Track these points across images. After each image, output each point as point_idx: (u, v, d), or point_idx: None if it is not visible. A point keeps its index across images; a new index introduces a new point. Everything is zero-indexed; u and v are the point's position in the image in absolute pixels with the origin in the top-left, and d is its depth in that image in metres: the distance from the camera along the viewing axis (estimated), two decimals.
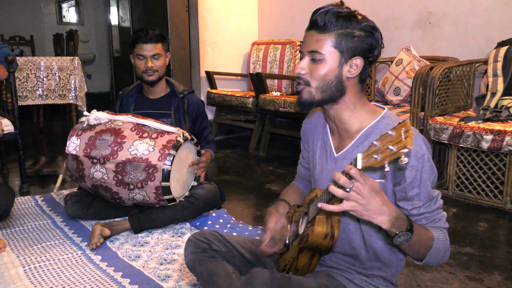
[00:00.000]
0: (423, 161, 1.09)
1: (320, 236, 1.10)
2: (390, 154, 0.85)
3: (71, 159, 2.10)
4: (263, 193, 2.87)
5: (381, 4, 3.71)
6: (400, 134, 0.85)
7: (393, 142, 0.85)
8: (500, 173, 2.48)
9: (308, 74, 1.16)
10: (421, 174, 1.10)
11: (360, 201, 0.94)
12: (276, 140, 4.47)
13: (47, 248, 2.00)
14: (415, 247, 1.08)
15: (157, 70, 2.36)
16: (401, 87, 3.25)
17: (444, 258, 1.14)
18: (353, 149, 1.18)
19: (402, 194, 1.12)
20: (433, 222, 1.13)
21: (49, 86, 3.84)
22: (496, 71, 2.75)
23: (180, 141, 2.07)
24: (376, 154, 0.88)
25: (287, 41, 4.24)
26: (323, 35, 1.12)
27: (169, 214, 2.18)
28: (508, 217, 2.42)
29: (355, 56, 1.13)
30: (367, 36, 1.12)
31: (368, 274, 1.25)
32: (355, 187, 0.93)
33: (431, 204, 1.13)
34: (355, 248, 1.23)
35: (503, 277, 1.77)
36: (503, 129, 2.38)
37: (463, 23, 3.26)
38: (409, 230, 1.02)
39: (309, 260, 1.21)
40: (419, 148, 1.09)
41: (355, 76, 1.16)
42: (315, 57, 1.14)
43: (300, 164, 1.50)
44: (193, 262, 1.38)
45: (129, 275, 1.75)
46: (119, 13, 6.42)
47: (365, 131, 1.17)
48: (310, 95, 1.16)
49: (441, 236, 1.11)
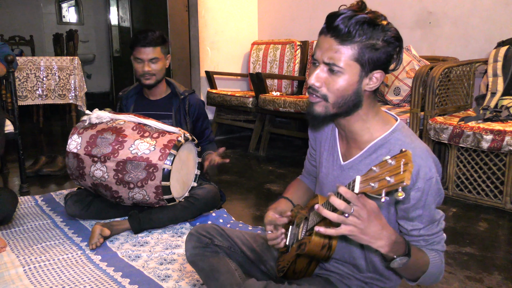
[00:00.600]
0: (431, 184, 1.05)
1: (317, 247, 1.09)
2: (387, 185, 0.81)
3: (72, 157, 2.10)
4: (263, 193, 2.87)
5: (381, 4, 3.71)
6: (400, 166, 0.80)
7: (391, 173, 0.81)
8: (500, 173, 2.48)
9: (325, 87, 1.06)
10: (427, 196, 1.05)
11: (359, 225, 0.90)
12: (276, 140, 4.47)
13: (47, 248, 2.00)
14: (411, 270, 1.05)
15: (155, 74, 2.34)
16: (401, 87, 3.25)
17: (437, 280, 1.12)
18: (360, 159, 1.14)
19: (404, 214, 1.09)
20: (431, 244, 1.10)
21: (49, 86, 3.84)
22: (496, 71, 2.75)
23: (181, 141, 2.07)
24: (373, 182, 0.84)
25: (287, 41, 4.24)
26: (344, 47, 1.01)
27: (169, 214, 2.18)
28: (508, 217, 2.42)
29: (376, 69, 1.05)
30: (390, 47, 1.03)
31: (367, 282, 1.24)
32: (355, 212, 0.89)
33: (433, 226, 1.09)
34: (355, 258, 1.21)
35: (503, 277, 1.77)
36: (503, 129, 2.38)
37: (463, 23, 3.26)
38: (407, 254, 0.98)
39: (307, 265, 1.21)
40: (428, 170, 1.04)
41: (372, 90, 1.09)
42: (333, 69, 1.04)
43: (307, 160, 1.45)
44: (195, 257, 1.36)
45: (129, 275, 1.75)
46: (119, 13, 6.42)
47: (374, 144, 1.11)
48: (325, 109, 1.08)
49: (437, 260, 1.09)
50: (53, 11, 7.65)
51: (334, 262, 1.27)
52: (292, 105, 3.45)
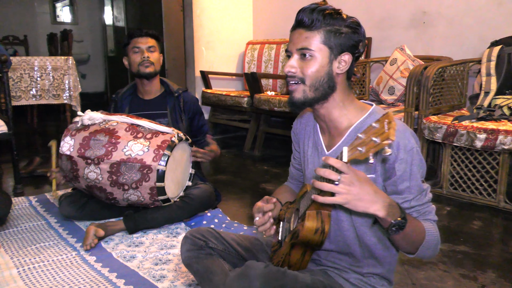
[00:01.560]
0: (413, 154, 1.11)
1: (310, 231, 1.10)
2: (374, 145, 0.86)
3: (65, 159, 2.09)
4: (258, 193, 2.87)
5: (376, 4, 3.72)
6: (384, 126, 0.85)
7: (376, 134, 0.86)
8: (494, 171, 2.50)
9: (300, 72, 1.16)
10: (411, 167, 1.11)
11: (352, 191, 0.95)
12: (271, 140, 4.47)
13: (41, 249, 1.99)
14: (409, 238, 1.08)
15: (153, 63, 2.38)
16: (395, 86, 3.26)
17: (435, 250, 1.15)
18: (343, 145, 1.19)
19: (392, 188, 1.13)
20: (423, 215, 1.14)
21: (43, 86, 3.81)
22: (490, 71, 2.76)
23: (175, 142, 2.06)
24: (361, 146, 0.89)
25: (282, 41, 4.24)
26: (311, 32, 1.13)
27: (164, 215, 2.18)
28: (501, 215, 2.43)
29: (343, 52, 1.15)
30: (353, 33, 1.15)
31: (364, 273, 1.26)
32: (345, 179, 0.94)
33: (421, 197, 1.14)
34: (350, 245, 1.24)
35: (497, 275, 1.78)
36: (497, 128, 2.39)
37: (457, 23, 3.27)
38: (403, 218, 1.02)
39: (302, 256, 1.21)
40: (407, 141, 1.11)
41: (344, 72, 1.18)
42: (305, 54, 1.15)
43: (292, 165, 1.51)
44: (189, 259, 1.38)
45: (124, 275, 1.75)
46: (113, 12, 6.40)
47: (354, 128, 1.19)
48: (303, 93, 1.17)
49: (432, 229, 1.13)
50: (47, 11, 7.61)
51: (331, 256, 1.29)
52: (287, 105, 3.45)
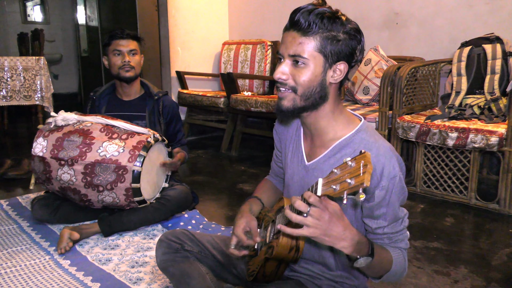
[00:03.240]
0: (394, 183, 1.06)
1: (284, 249, 1.09)
2: (348, 187, 0.82)
3: (38, 161, 2.05)
4: (236, 193, 2.87)
5: (349, 5, 3.76)
6: (359, 167, 0.80)
7: (351, 175, 0.82)
8: (465, 169, 2.56)
9: (291, 80, 1.08)
10: (391, 195, 1.07)
11: (320, 227, 0.91)
12: (248, 140, 4.47)
13: (13, 254, 1.94)
14: (375, 269, 1.07)
15: (134, 67, 2.36)
16: (370, 86, 3.31)
17: (400, 277, 1.14)
18: (324, 159, 1.15)
19: (368, 212, 1.10)
20: (395, 242, 1.12)
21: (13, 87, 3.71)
22: (460, 71, 2.83)
23: (151, 142, 2.04)
24: (335, 184, 0.85)
25: (258, 41, 4.25)
26: (306, 38, 1.04)
27: (140, 216, 2.15)
28: (473, 212, 2.50)
29: (339, 61, 1.07)
30: (351, 39, 1.06)
31: (337, 281, 1.25)
32: (314, 213, 0.90)
33: (396, 224, 1.11)
34: (325, 257, 1.22)
35: (468, 270, 1.83)
36: (467, 126, 2.46)
37: (428, 24, 3.34)
38: (370, 254, 1.00)
39: (276, 268, 1.21)
40: (392, 168, 1.06)
41: (337, 82, 1.11)
42: (298, 61, 1.06)
43: (274, 161, 1.46)
44: (165, 263, 1.35)
45: (100, 279, 1.72)
46: (86, 12, 6.28)
47: (338, 143, 1.12)
48: (293, 102, 1.09)
49: (400, 258, 1.11)
50: (17, 10, 7.41)
51: (304, 262, 1.27)
52: (264, 105, 3.46)
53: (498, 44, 2.73)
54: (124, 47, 2.34)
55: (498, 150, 2.38)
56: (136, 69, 2.38)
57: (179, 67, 4.51)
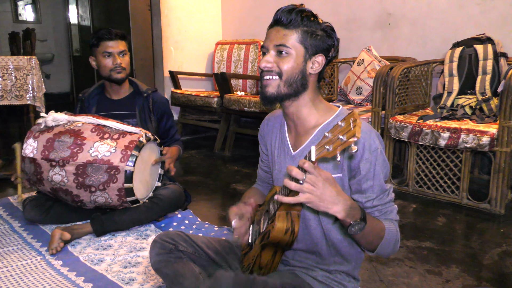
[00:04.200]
0: (377, 155, 1.15)
1: (281, 232, 1.11)
2: (341, 143, 0.89)
3: (28, 162, 2.03)
4: (229, 193, 2.87)
5: (343, 5, 3.77)
6: (349, 124, 0.88)
7: (342, 132, 0.89)
8: (457, 169, 2.58)
9: (276, 67, 1.18)
10: (375, 167, 1.15)
11: (315, 192, 0.98)
12: (242, 140, 4.47)
13: (4, 254, 1.92)
14: (368, 237, 1.12)
15: (125, 68, 2.34)
16: (362, 86, 3.32)
17: (394, 249, 1.19)
18: (309, 145, 1.22)
19: (356, 187, 1.18)
20: (385, 214, 1.19)
21: (5, 86, 3.68)
22: (452, 71, 2.85)
23: (143, 142, 2.03)
24: (328, 145, 0.92)
25: (251, 41, 4.25)
26: (289, 30, 1.17)
27: (132, 216, 2.14)
28: (464, 211, 2.51)
29: (317, 53, 1.19)
30: (328, 36, 1.19)
31: (331, 270, 1.28)
32: (309, 179, 0.97)
33: (384, 196, 1.18)
34: (317, 244, 1.26)
35: (460, 269, 1.84)
36: (459, 127, 2.47)
37: (420, 24, 3.36)
38: (363, 219, 1.06)
39: (272, 256, 1.22)
40: (372, 142, 1.14)
41: (316, 73, 1.22)
42: (282, 50, 1.17)
43: (260, 168, 1.52)
44: (158, 264, 1.36)
45: (92, 279, 1.71)
46: (78, 11, 6.24)
47: (321, 128, 1.22)
48: (278, 88, 1.19)
49: (392, 228, 1.16)
50: (8, 9, 7.35)
51: (298, 255, 1.31)
52: (257, 105, 3.46)
53: (489, 45, 2.75)
54: (114, 49, 2.30)
55: (489, 150, 2.40)
56: (127, 70, 2.37)
57: (172, 67, 4.50)
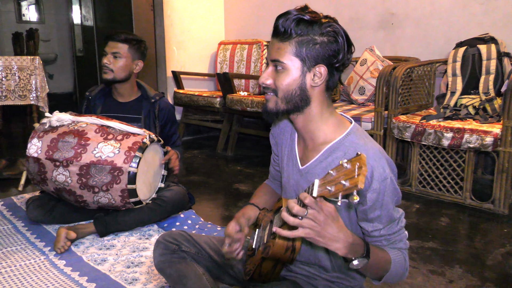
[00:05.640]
0: (386, 184, 1.07)
1: (281, 249, 1.09)
2: (343, 189, 0.83)
3: (32, 162, 2.04)
4: (232, 193, 2.87)
5: (345, 5, 3.77)
6: (354, 169, 0.82)
7: (346, 177, 0.83)
8: (460, 169, 2.57)
9: (273, 83, 1.12)
10: (383, 197, 1.07)
11: (315, 228, 0.92)
12: (244, 140, 4.47)
13: (8, 254, 1.93)
14: (372, 270, 1.08)
15: (112, 70, 2.28)
16: (365, 86, 3.32)
17: (402, 277, 1.15)
18: (316, 163, 1.16)
19: (363, 216, 1.11)
20: (393, 243, 1.13)
21: (8, 86, 3.69)
22: (455, 71, 2.85)
23: (147, 143, 2.04)
24: (330, 185, 0.86)
25: (254, 41, 4.25)
26: (283, 44, 1.08)
27: (135, 217, 2.15)
28: (467, 211, 2.51)
29: (318, 64, 1.08)
30: (330, 42, 1.06)
31: (334, 281, 1.25)
32: (310, 215, 0.91)
33: (393, 225, 1.12)
34: (320, 260, 1.23)
35: (463, 270, 1.84)
36: (462, 127, 2.47)
37: (423, 24, 3.36)
38: (366, 255, 1.00)
39: (273, 268, 1.21)
40: (382, 170, 1.06)
41: (320, 86, 1.11)
42: (277, 65, 1.10)
43: (272, 166, 1.47)
44: (162, 264, 1.36)
45: (95, 279, 1.71)
46: (81, 11, 6.26)
47: (329, 147, 1.14)
48: (276, 105, 1.13)
49: (399, 258, 1.11)
50: (12, 9, 7.38)
51: (300, 264, 1.28)
52: (260, 105, 3.46)
53: (493, 45, 2.75)
54: (109, 49, 2.29)
55: (492, 150, 2.40)
56: (115, 73, 2.29)
57: (175, 67, 4.50)
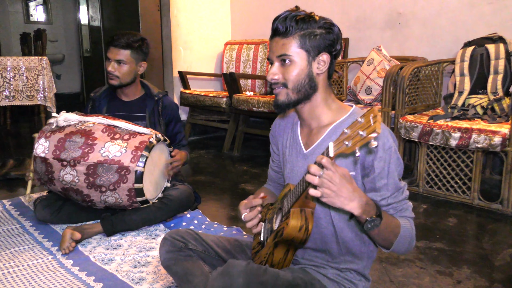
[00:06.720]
0: (391, 153, 1.15)
1: (295, 229, 1.11)
2: (360, 139, 0.89)
3: (40, 161, 2.05)
4: (238, 193, 2.87)
5: (352, 5, 3.76)
6: (369, 120, 0.88)
7: (362, 128, 0.89)
8: (468, 169, 2.56)
9: (282, 78, 1.21)
10: (389, 165, 1.15)
11: (332, 187, 0.98)
12: (250, 140, 4.47)
13: (16, 254, 1.95)
14: (384, 233, 1.12)
15: (118, 77, 2.32)
16: (372, 86, 3.31)
17: (410, 246, 1.19)
18: (321, 143, 1.23)
19: (371, 185, 1.17)
20: (400, 212, 1.18)
21: (16, 87, 3.72)
22: (463, 71, 2.83)
23: (153, 142, 2.04)
24: (347, 140, 0.92)
25: (260, 41, 4.25)
26: (287, 39, 1.19)
27: (142, 216, 2.15)
28: (475, 212, 2.49)
29: (320, 52, 1.20)
30: (328, 33, 1.19)
31: (341, 268, 1.28)
32: (327, 175, 0.97)
33: (398, 194, 1.18)
34: (327, 243, 1.26)
35: (471, 270, 1.83)
36: (470, 127, 2.45)
37: (431, 23, 3.34)
38: (378, 216, 1.06)
39: (285, 254, 1.22)
40: (386, 140, 1.15)
41: (324, 72, 1.22)
42: (285, 59, 1.19)
43: (270, 168, 1.52)
44: (168, 261, 1.37)
45: (102, 279, 1.72)
46: (89, 12, 6.29)
47: (334, 126, 1.23)
48: (287, 96, 1.22)
49: (407, 225, 1.16)
50: (20, 10, 7.44)
51: (307, 254, 1.31)
52: (266, 105, 3.46)
53: (501, 44, 2.73)
54: (113, 56, 2.30)
55: (501, 150, 2.38)
56: (121, 79, 2.33)
57: (181, 67, 4.51)
